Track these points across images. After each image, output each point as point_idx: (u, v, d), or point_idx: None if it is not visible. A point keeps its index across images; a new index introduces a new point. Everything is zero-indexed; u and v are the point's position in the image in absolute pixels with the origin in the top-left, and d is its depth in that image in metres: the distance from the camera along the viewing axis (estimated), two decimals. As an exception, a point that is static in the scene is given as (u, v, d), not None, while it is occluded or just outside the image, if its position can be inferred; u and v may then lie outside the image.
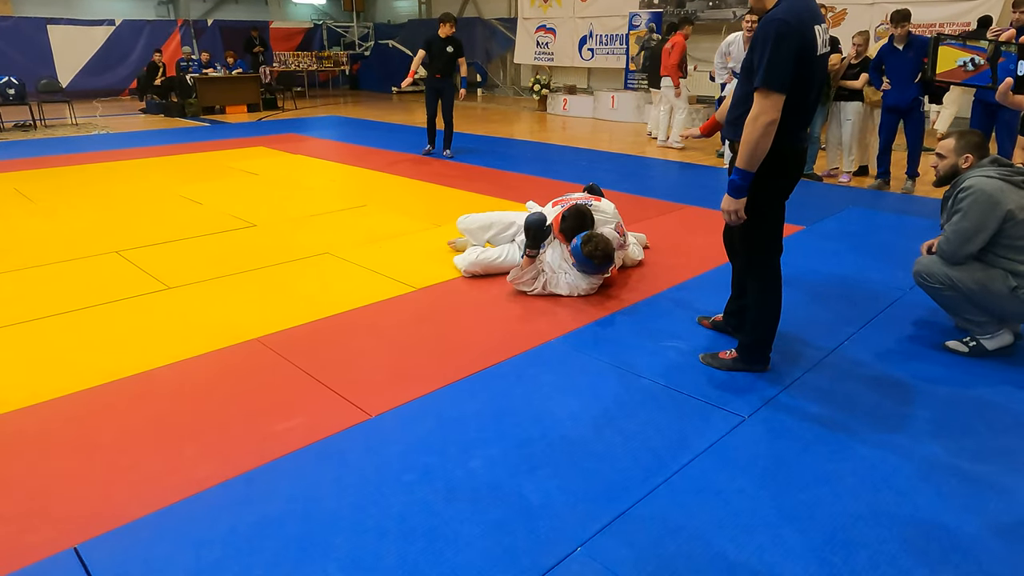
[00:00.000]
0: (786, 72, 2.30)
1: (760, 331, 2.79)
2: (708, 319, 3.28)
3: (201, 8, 17.53)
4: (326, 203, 5.89)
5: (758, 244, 2.70)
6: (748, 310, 2.82)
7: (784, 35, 2.29)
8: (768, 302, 2.75)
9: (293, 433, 2.41)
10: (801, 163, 2.63)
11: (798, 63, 2.32)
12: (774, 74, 2.30)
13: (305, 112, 13.46)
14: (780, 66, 2.29)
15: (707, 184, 6.76)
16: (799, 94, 2.40)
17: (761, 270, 2.73)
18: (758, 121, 2.35)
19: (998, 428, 2.48)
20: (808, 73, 2.39)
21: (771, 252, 2.71)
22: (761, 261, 2.72)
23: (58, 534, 1.92)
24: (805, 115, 2.54)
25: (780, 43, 2.28)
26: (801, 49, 2.32)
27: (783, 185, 2.62)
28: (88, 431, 2.44)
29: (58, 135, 10.10)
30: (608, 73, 14.13)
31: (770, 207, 2.63)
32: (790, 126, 2.44)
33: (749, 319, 2.82)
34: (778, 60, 2.29)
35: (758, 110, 2.35)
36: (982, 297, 2.91)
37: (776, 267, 2.74)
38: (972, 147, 2.95)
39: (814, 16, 2.39)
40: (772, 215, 2.66)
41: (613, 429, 2.45)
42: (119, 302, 3.63)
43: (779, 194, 2.63)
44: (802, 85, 2.39)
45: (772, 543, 1.90)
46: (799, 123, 2.52)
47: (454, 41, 7.83)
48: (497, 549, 1.87)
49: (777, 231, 2.70)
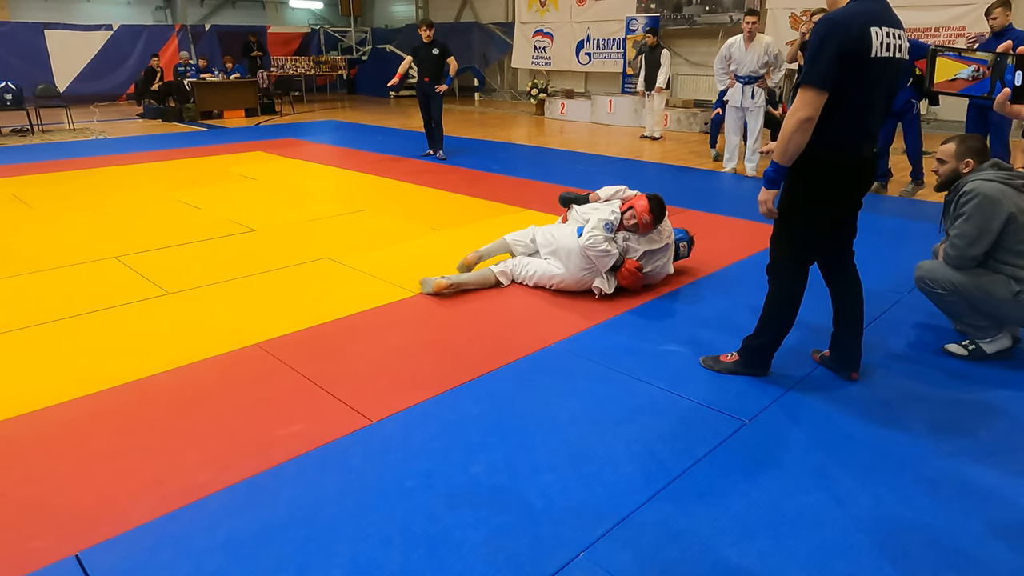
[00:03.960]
0: (827, 70, 2.25)
1: (766, 336, 2.77)
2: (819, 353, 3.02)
3: (198, 13, 17.55)
4: (325, 207, 5.89)
5: (781, 246, 2.65)
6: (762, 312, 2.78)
7: (829, 33, 2.25)
8: (780, 309, 2.71)
9: (294, 439, 2.41)
10: (855, 178, 2.50)
11: (844, 63, 2.25)
12: (814, 71, 2.27)
13: (303, 117, 13.47)
14: (821, 64, 2.26)
15: (703, 188, 6.77)
16: (848, 98, 2.32)
17: (780, 274, 2.68)
18: (794, 116, 2.32)
19: (998, 431, 2.49)
20: (859, 76, 2.29)
21: (794, 259, 2.63)
22: (782, 266, 2.66)
23: (59, 541, 1.92)
24: (859, 124, 2.41)
25: (824, 41, 2.26)
26: (847, 49, 2.24)
27: (822, 195, 2.49)
28: (89, 437, 2.44)
29: (56, 140, 10.09)
30: (605, 77, 14.16)
31: (804, 214, 2.53)
32: (835, 133, 2.36)
33: (759, 321, 2.79)
34: (820, 58, 2.26)
35: (796, 105, 2.32)
36: (984, 302, 2.92)
37: (798, 276, 2.66)
38: (973, 152, 2.97)
39: (875, 18, 2.28)
40: (804, 223, 2.55)
41: (615, 434, 2.45)
42: (118, 308, 3.62)
43: (818, 206, 2.51)
44: (852, 89, 2.30)
45: (774, 548, 1.90)
46: (849, 132, 2.40)
47: (438, 44, 7.98)
48: (499, 555, 1.86)
49: (809, 242, 2.60)
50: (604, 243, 3.55)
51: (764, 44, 6.89)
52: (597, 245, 3.54)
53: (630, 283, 3.68)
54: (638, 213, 3.63)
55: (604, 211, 3.73)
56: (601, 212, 3.72)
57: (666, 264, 3.82)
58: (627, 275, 3.65)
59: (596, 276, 3.67)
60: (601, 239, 3.54)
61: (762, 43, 6.90)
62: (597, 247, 3.54)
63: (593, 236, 3.55)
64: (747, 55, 6.97)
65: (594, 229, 3.58)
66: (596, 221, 3.61)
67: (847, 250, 2.77)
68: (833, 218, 2.60)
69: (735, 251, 4.53)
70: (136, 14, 16.60)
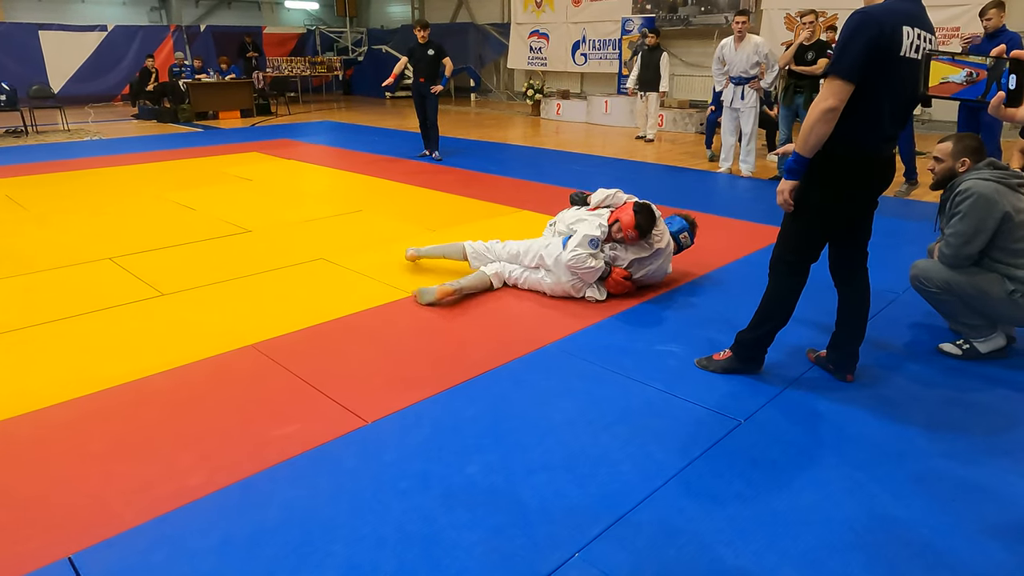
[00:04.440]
0: (854, 61, 2.24)
1: (761, 330, 2.77)
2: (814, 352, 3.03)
3: (194, 14, 17.50)
4: (320, 208, 5.88)
5: (787, 239, 2.64)
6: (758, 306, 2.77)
7: (861, 26, 2.25)
8: (777, 304, 2.71)
9: (289, 440, 2.40)
10: (868, 176, 2.48)
11: (872, 57, 2.24)
12: (842, 62, 2.26)
13: (299, 117, 13.45)
14: (849, 55, 2.25)
15: (699, 188, 6.78)
16: (870, 94, 2.30)
17: (781, 269, 2.68)
18: (818, 106, 2.31)
19: (992, 430, 2.49)
20: (884, 73, 2.28)
21: (797, 254, 2.63)
22: (784, 260, 2.67)
23: (52, 543, 1.91)
24: (878, 122, 2.37)
25: (856, 33, 2.25)
26: (877, 44, 2.23)
27: (834, 191, 2.47)
28: (82, 439, 2.42)
29: (50, 141, 10.06)
30: (601, 78, 14.18)
31: (813, 210, 2.52)
32: (852, 128, 2.34)
33: (754, 315, 2.78)
34: (849, 49, 2.25)
35: (821, 95, 2.31)
36: (979, 301, 2.93)
37: (798, 272, 2.66)
38: (969, 151, 2.98)
39: (909, 18, 2.28)
40: (812, 218, 2.55)
41: (610, 434, 2.45)
42: (113, 309, 3.61)
43: (829, 203, 2.50)
44: (875, 85, 2.29)
45: (769, 548, 1.90)
46: (866, 128, 2.37)
47: (434, 45, 8.00)
48: (495, 555, 1.86)
49: (814, 238, 2.60)
50: (588, 260, 3.54)
51: (754, 44, 6.91)
52: (582, 264, 3.55)
53: (618, 291, 3.70)
54: (623, 228, 3.62)
55: (591, 224, 3.69)
56: (588, 225, 3.68)
57: (662, 265, 3.81)
58: (614, 284, 3.66)
59: (586, 286, 3.67)
60: (584, 256, 3.54)
61: (752, 43, 6.92)
62: (582, 266, 3.55)
63: (576, 255, 3.54)
64: (737, 55, 7.00)
65: (578, 247, 3.56)
66: (581, 238, 3.58)
67: (861, 252, 2.75)
68: (846, 218, 2.59)
69: (731, 251, 4.53)
70: (131, 15, 16.55)
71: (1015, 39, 5.48)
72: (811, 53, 6.62)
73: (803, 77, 6.68)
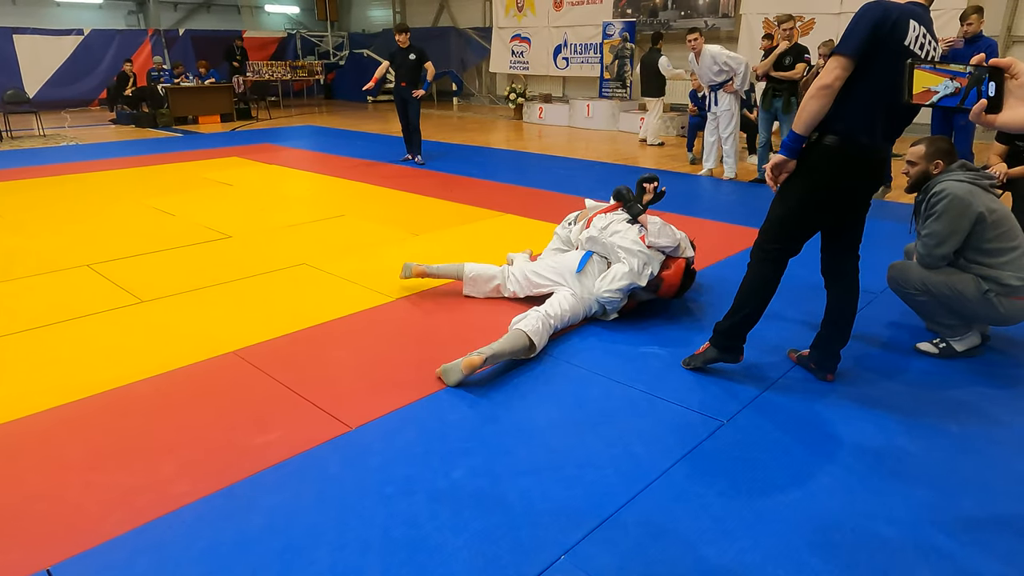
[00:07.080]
0: (858, 40, 2.30)
1: (737, 317, 2.77)
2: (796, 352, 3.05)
3: (172, 18, 17.34)
4: (302, 213, 5.84)
5: (770, 226, 2.67)
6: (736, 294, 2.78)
7: (868, 10, 2.32)
8: (753, 292, 2.73)
9: (272, 447, 2.38)
10: (854, 170, 2.49)
11: (875, 37, 2.28)
12: (847, 41, 2.32)
13: (280, 122, 13.36)
14: (854, 35, 2.31)
15: (681, 191, 6.83)
16: (868, 81, 2.33)
17: (760, 257, 2.71)
18: (815, 83, 2.37)
19: (969, 427, 2.54)
20: (886, 60, 2.30)
21: (778, 243, 2.65)
22: (763, 247, 2.69)
23: (30, 555, 1.87)
24: (871, 116, 2.40)
25: (862, 16, 2.32)
26: (882, 29, 2.28)
27: (819, 180, 2.50)
28: (60, 449, 2.39)
29: (25, 147, 9.90)
30: (583, 82, 14.24)
31: (797, 197, 2.57)
32: (843, 116, 2.39)
33: (734, 301, 2.79)
34: (855, 30, 2.31)
35: (821, 73, 2.37)
36: (955, 301, 2.98)
37: (777, 262, 2.68)
38: (942, 153, 3.04)
39: (916, 16, 2.35)
40: (795, 206, 2.59)
41: (595, 436, 2.46)
42: (91, 316, 3.56)
43: (813, 193, 2.54)
44: (874, 72, 2.32)
45: (752, 547, 1.92)
46: (859, 119, 2.40)
47: (415, 49, 8.00)
48: (480, 559, 1.86)
49: (795, 227, 2.63)
50: (621, 300, 3.43)
51: (711, 55, 7.09)
52: (615, 305, 3.43)
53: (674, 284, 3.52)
54: (664, 286, 3.47)
55: (634, 258, 3.38)
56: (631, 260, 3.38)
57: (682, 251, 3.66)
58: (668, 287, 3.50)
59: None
60: (619, 300, 3.42)
61: (709, 55, 7.11)
62: (615, 306, 3.44)
63: (612, 300, 3.40)
64: (700, 68, 7.27)
65: (618, 290, 3.35)
66: (624, 281, 3.34)
67: (852, 253, 2.79)
68: (831, 212, 2.62)
69: (713, 254, 4.57)
70: (108, 18, 16.36)
71: (993, 46, 5.66)
72: (788, 58, 6.75)
73: (781, 81, 6.81)
